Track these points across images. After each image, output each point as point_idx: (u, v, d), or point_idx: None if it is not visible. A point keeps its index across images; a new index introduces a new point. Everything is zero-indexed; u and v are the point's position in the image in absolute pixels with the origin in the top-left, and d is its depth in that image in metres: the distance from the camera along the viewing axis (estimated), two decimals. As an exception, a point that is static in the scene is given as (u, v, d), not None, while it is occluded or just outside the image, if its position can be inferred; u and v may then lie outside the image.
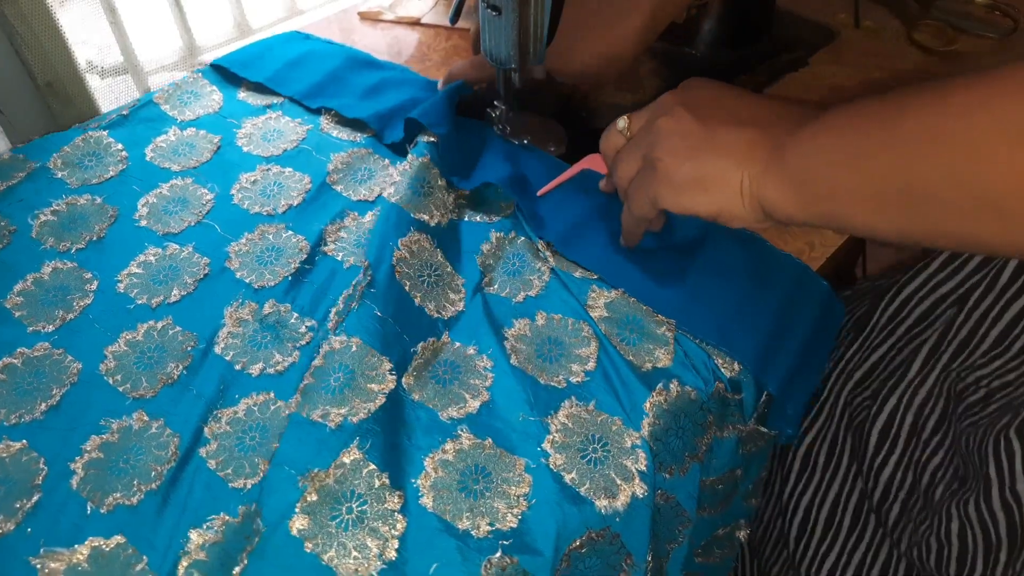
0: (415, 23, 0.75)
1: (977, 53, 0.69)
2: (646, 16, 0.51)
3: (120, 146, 0.58)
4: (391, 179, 0.56)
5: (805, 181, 0.36)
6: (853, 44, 0.72)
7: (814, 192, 0.36)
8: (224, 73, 0.66)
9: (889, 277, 0.58)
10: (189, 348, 0.44)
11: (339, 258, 0.50)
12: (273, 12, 0.78)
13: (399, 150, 0.58)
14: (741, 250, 0.50)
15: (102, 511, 0.37)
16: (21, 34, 0.58)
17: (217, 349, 0.44)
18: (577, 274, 0.49)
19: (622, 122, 0.46)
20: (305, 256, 0.50)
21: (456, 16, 0.58)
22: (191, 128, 0.60)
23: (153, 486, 0.38)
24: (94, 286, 0.48)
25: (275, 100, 0.63)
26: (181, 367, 0.43)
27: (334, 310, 0.46)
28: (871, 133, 0.33)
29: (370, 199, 0.54)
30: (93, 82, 0.66)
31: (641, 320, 0.46)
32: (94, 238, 0.51)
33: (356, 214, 0.53)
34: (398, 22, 0.75)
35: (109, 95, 0.67)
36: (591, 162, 0.54)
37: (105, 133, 0.59)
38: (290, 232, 0.52)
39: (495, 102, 0.57)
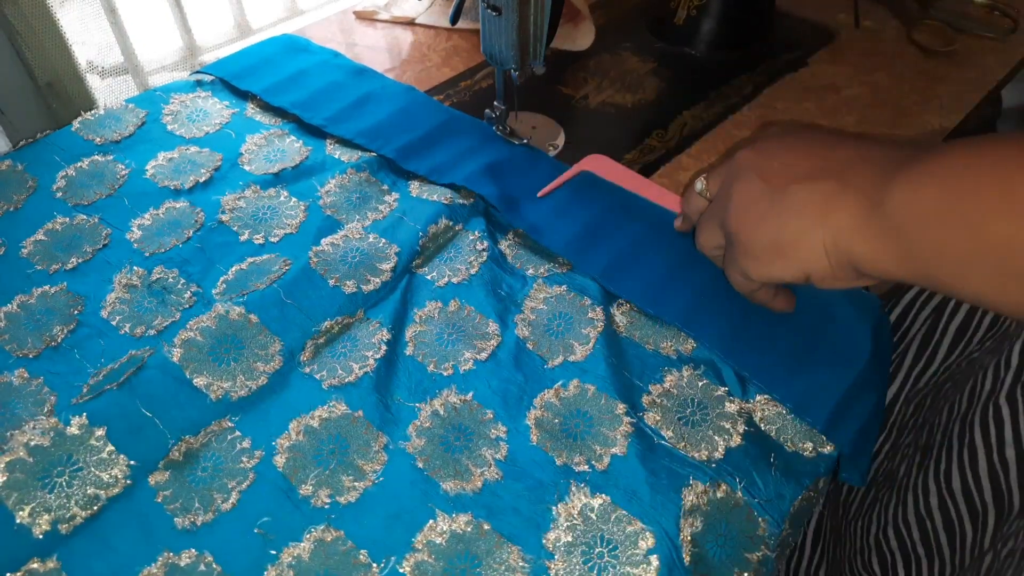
0: (410, 23, 0.75)
1: (976, 53, 0.70)
2: None
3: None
4: (302, 157, 0.57)
5: (906, 237, 0.32)
6: (852, 44, 0.72)
7: (918, 251, 0.32)
8: None
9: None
10: (75, 312, 0.46)
11: (235, 229, 0.51)
12: (273, 12, 0.79)
13: (316, 132, 0.59)
14: None
15: None
16: (21, 34, 0.58)
17: (103, 313, 0.46)
18: (529, 271, 0.49)
19: (699, 184, 0.44)
20: (200, 226, 0.51)
21: (456, 16, 0.58)
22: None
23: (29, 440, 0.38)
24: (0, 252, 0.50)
25: (206, 78, 0.64)
26: (65, 330, 0.45)
27: (222, 279, 0.47)
28: (985, 196, 0.29)
29: (273, 171, 0.55)
30: (93, 82, 0.66)
31: (571, 316, 0.46)
32: (11, 208, 0.52)
33: (258, 187, 0.54)
34: (394, 22, 0.75)
35: (109, 95, 0.67)
36: (591, 163, 0.54)
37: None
38: (190, 204, 0.53)
39: (495, 102, 0.57)
